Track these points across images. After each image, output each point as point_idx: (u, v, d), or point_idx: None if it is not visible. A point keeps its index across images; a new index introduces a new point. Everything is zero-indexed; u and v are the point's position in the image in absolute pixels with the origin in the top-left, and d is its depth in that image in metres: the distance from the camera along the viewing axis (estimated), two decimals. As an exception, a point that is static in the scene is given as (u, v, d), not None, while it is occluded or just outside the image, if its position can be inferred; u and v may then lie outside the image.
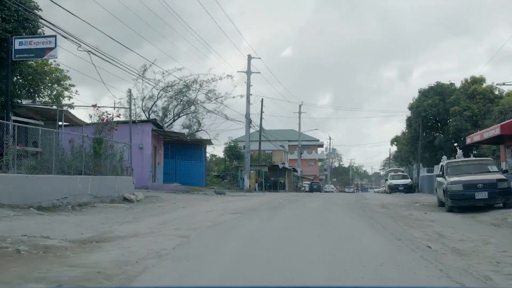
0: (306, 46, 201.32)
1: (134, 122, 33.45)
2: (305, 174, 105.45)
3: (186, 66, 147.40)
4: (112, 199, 20.60)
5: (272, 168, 59.42)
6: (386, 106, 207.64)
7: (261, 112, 55.24)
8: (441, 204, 19.80)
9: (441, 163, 21.28)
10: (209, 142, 43.25)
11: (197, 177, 44.03)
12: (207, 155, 67.20)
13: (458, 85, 43.87)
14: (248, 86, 43.60)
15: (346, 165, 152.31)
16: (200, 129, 60.24)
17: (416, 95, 45.76)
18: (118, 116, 24.30)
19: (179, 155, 44.47)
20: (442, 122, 44.26)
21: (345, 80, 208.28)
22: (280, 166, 57.80)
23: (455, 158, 39.41)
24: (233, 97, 60.71)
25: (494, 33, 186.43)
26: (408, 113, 46.25)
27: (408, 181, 44.73)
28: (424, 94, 43.80)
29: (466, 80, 43.22)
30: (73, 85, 36.72)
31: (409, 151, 46.52)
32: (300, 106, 74.51)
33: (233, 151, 67.25)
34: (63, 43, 61.73)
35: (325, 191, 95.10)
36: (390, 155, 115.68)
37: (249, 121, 43.55)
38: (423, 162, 45.46)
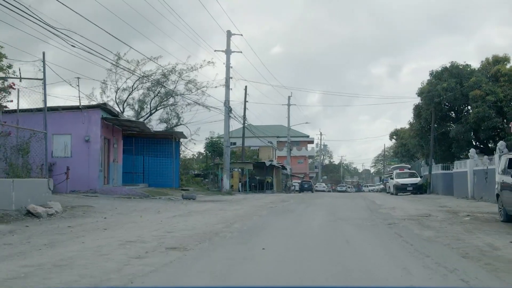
0: (297, 43, 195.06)
1: (79, 108, 26.00)
2: (295, 172, 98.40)
3: (172, 60, 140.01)
4: (4, 214, 13.15)
5: (258, 165, 52.07)
6: (377, 103, 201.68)
7: (245, 101, 47.97)
8: (509, 218, 12.64)
9: (506, 156, 13.93)
10: (181, 135, 35.79)
11: (170, 177, 36.62)
12: (189, 151, 60.19)
13: (475, 65, 36.84)
14: (228, 68, 36.21)
15: (336, 162, 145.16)
16: (179, 123, 53.66)
17: (425, 79, 38.68)
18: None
19: (148, 152, 37.18)
20: (458, 110, 37.15)
21: (336, 77, 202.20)
22: (267, 163, 50.48)
23: (469, 153, 33.15)
24: (215, 86, 53.39)
25: (483, 30, 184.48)
26: (416, 100, 39.11)
27: (417, 180, 37.63)
28: (437, 76, 36.58)
29: (487, 59, 36.07)
30: (10, 66, 28.97)
31: (418, 145, 39.27)
32: (289, 97, 67.34)
33: (214, 147, 59.96)
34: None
35: (316, 190, 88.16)
36: (384, 151, 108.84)
37: (228, 109, 36.19)
38: (435, 158, 38.30)
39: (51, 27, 17.24)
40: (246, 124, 54.73)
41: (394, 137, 62.06)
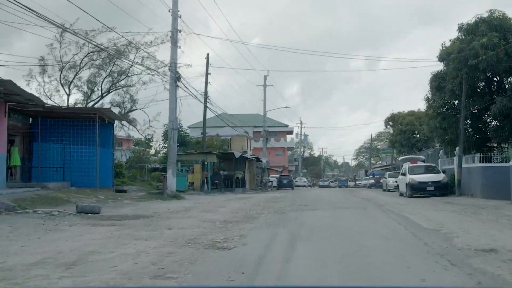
0: (277, 34, 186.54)
1: None
2: (272, 165, 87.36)
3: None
4: None
5: (226, 157, 40.93)
6: (356, 95, 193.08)
7: (207, 72, 36.69)
8: None
9: None
10: (109, 113, 24.49)
11: (103, 173, 25.53)
12: (142, 137, 48.66)
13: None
14: (175, 16, 24.74)
15: (317, 154, 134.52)
16: (134, 108, 42.76)
17: (447, 39, 27.88)
18: None
19: (71, 138, 26.14)
20: (500, 78, 26.40)
21: (315, 69, 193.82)
22: (237, 154, 39.26)
23: None
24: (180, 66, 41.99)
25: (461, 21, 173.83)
26: (437, 67, 28.24)
27: (440, 176, 26.79)
28: (470, 31, 25.71)
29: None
30: None
31: (439, 128, 28.11)
32: (265, 77, 56.21)
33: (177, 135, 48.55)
34: None
35: (297, 186, 77.32)
36: (371, 141, 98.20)
37: (175, 76, 24.80)
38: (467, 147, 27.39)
39: None
40: (219, 113, 44.09)
41: (390, 123, 51.41)
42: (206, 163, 35.59)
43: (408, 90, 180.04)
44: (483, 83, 26.90)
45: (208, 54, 37.03)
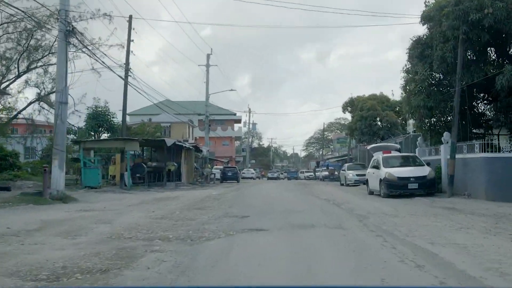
0: (226, 26, 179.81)
1: None
2: (219, 155, 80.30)
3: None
4: None
5: (155, 146, 33.44)
6: (305, 88, 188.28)
7: (129, 39, 28.98)
8: None
9: None
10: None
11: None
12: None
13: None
14: None
15: (266, 145, 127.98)
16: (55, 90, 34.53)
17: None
18: None
19: None
20: (503, 46, 19.99)
21: (265, 61, 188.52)
22: (169, 142, 31.70)
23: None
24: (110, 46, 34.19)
25: (406, 19, 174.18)
26: (417, 31, 21.54)
27: (426, 170, 20.22)
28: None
29: None
30: None
31: (424, 108, 21.18)
32: (208, 55, 48.66)
33: (99, 119, 40.72)
34: None
35: (244, 177, 70.25)
36: (323, 130, 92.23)
37: (66, 29, 17.15)
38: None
39: None
40: (160, 100, 36.49)
41: (349, 108, 45.02)
42: (125, 152, 27.99)
43: (363, 79, 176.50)
44: (488, 47, 20.32)
45: (130, 16, 29.19)
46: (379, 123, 41.89)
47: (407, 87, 22.15)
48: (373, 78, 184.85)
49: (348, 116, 47.10)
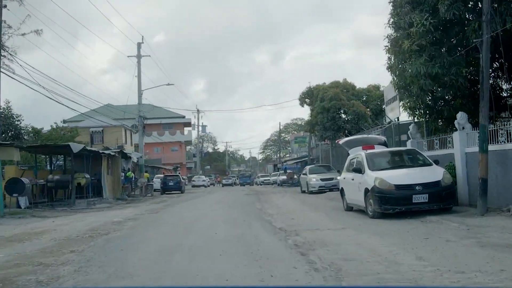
0: (178, 31, 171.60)
1: None
2: (168, 162, 71.90)
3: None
4: None
5: (56, 152, 25.01)
6: (258, 90, 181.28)
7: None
8: None
9: None
10: None
11: None
12: None
13: None
14: None
15: (222, 150, 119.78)
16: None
17: None
18: None
19: None
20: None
21: (218, 65, 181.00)
22: (76, 147, 23.23)
23: None
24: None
25: (357, 19, 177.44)
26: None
27: (438, 173, 12.56)
28: None
29: None
30: None
31: (426, 76, 13.38)
32: (139, 44, 40.14)
33: (0, 122, 31.75)
34: None
35: (195, 185, 61.95)
36: (280, 131, 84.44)
37: None
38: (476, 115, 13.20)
39: None
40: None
41: (307, 100, 37.39)
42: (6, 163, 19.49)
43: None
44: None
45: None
46: (343, 115, 34.50)
47: (396, 48, 14.34)
48: (328, 79, 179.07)
49: (306, 110, 39.68)
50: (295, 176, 45.67)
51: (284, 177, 48.65)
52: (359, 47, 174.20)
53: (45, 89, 27.32)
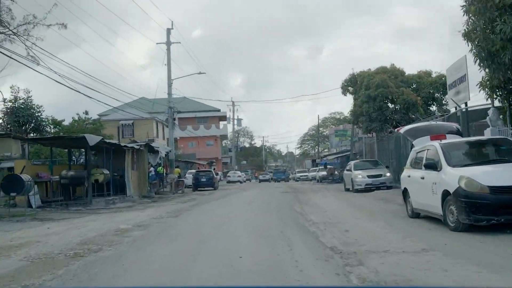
0: (215, 26, 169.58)
1: None
2: (203, 157, 69.27)
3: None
4: None
5: (71, 145, 22.38)
6: (296, 85, 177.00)
7: None
8: None
9: None
10: None
11: None
12: None
13: None
14: None
15: (258, 144, 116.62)
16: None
17: None
18: None
19: None
20: None
21: (255, 59, 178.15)
22: (92, 140, 20.45)
23: None
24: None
25: (393, 11, 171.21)
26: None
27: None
28: None
29: None
30: None
31: None
32: (168, 30, 37.18)
33: (20, 114, 29.54)
34: None
35: (229, 181, 59.03)
36: (318, 125, 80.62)
37: None
38: None
39: None
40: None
41: (350, 88, 33.74)
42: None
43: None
44: None
45: None
46: (390, 105, 30.77)
47: (479, 6, 10.72)
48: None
49: (347, 101, 35.72)
50: (336, 172, 42.20)
51: (324, 173, 45.19)
52: (399, 40, 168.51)
53: (73, 82, 24.66)
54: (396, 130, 20.42)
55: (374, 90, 29.29)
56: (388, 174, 25.31)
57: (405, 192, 12.38)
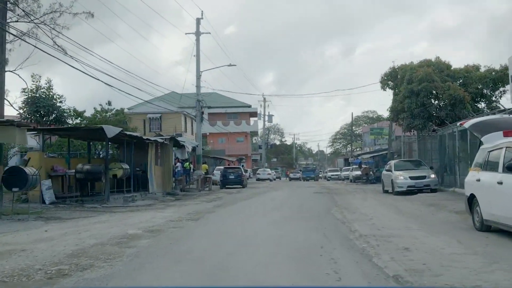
0: (250, 23, 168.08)
1: None
2: (233, 153, 67.44)
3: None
4: None
5: (89, 136, 20.69)
6: (330, 84, 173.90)
7: None
8: None
9: None
10: None
11: None
12: None
13: None
14: None
15: (289, 142, 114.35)
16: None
17: None
18: None
19: None
20: None
21: (289, 58, 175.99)
22: (110, 132, 18.67)
23: None
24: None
25: (433, 10, 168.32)
26: None
27: None
28: None
29: None
30: None
31: None
32: (198, 20, 35.25)
33: (40, 104, 27.99)
34: None
35: (259, 179, 57.00)
36: (352, 123, 77.80)
37: None
38: None
39: None
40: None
41: (390, 83, 31.22)
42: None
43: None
44: None
45: None
46: (434, 101, 28.20)
47: None
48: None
49: (383, 100, 33.03)
50: (371, 172, 39.73)
51: (358, 172, 42.72)
52: (436, 40, 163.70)
53: (105, 75, 23.07)
54: (459, 123, 17.95)
55: (417, 85, 26.76)
56: (432, 176, 22.93)
57: (470, 200, 10.08)
